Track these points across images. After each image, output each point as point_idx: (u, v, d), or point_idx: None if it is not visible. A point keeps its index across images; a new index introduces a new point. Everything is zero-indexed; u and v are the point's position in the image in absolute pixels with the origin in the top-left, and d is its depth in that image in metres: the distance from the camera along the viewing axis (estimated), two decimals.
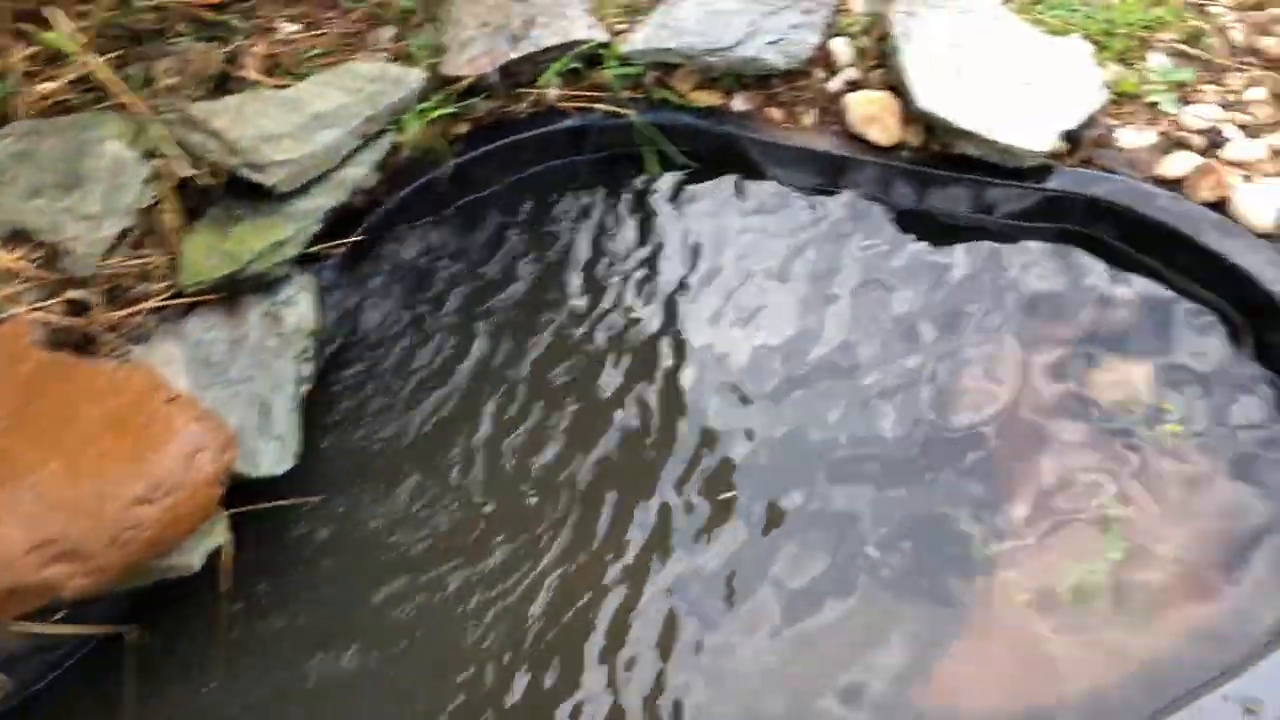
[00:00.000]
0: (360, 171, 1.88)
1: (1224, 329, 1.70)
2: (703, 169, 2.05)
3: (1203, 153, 1.84)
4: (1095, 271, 1.81)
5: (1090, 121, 1.88)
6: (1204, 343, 1.69)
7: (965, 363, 1.73)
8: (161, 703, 1.47)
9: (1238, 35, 2.05)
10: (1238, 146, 1.84)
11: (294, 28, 2.19)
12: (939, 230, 1.91)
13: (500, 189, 2.06)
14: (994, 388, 1.70)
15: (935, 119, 1.86)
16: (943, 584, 1.49)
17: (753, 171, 2.03)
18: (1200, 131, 1.88)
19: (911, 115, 1.91)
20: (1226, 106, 1.93)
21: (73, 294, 1.63)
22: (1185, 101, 1.94)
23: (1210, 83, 1.97)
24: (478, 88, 2.00)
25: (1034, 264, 1.84)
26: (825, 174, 1.99)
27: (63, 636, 1.47)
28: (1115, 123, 1.91)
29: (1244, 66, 2.00)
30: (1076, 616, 1.44)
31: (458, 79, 1.98)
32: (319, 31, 2.18)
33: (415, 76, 1.98)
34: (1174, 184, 1.80)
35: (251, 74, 2.03)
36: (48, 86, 1.86)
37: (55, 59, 1.91)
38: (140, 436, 1.46)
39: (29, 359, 1.52)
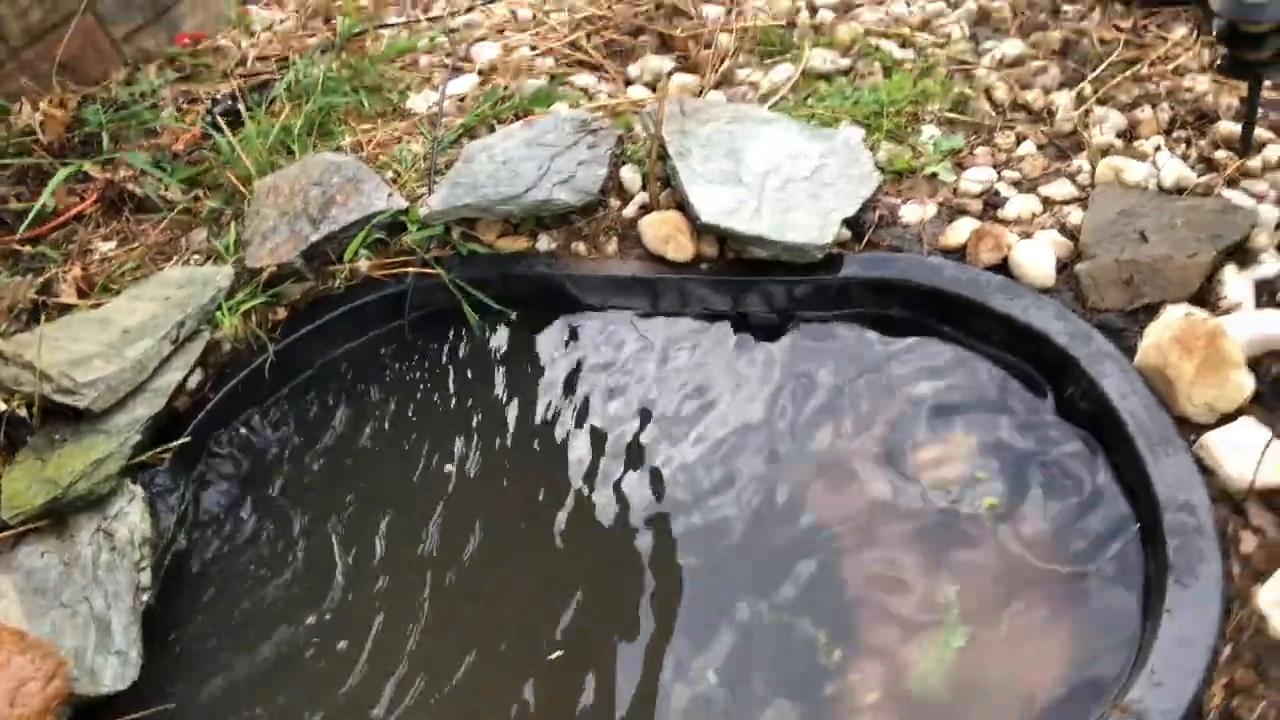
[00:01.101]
0: (177, 376, 1.99)
1: (1026, 388, 1.80)
2: (521, 312, 2.18)
3: (981, 216, 1.99)
4: (901, 350, 1.92)
5: (870, 205, 2.02)
6: (1010, 405, 1.79)
7: (790, 461, 1.83)
8: None
9: (1002, 94, 2.23)
10: (1014, 203, 1.99)
11: (110, 245, 2.35)
12: (750, 332, 2.03)
13: (326, 366, 2.18)
14: (822, 483, 1.80)
15: (719, 231, 2.00)
16: (792, 700, 1.54)
17: (569, 306, 2.16)
18: (977, 195, 2.03)
19: (700, 229, 2.05)
20: (999, 166, 2.08)
21: None
22: (961, 167, 2.09)
23: (982, 144, 2.14)
24: (284, 274, 2.14)
25: (842, 351, 1.95)
26: (635, 296, 2.12)
27: None
28: (897, 200, 2.06)
29: (1011, 124, 2.17)
30: (927, 708, 1.50)
31: (263, 270, 2.12)
32: (133, 245, 2.33)
33: (224, 274, 2.12)
34: (959, 251, 1.94)
35: (67, 298, 2.16)
36: None
37: None
38: None
39: None
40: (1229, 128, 2.01)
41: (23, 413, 1.89)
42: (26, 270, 2.24)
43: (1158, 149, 2.03)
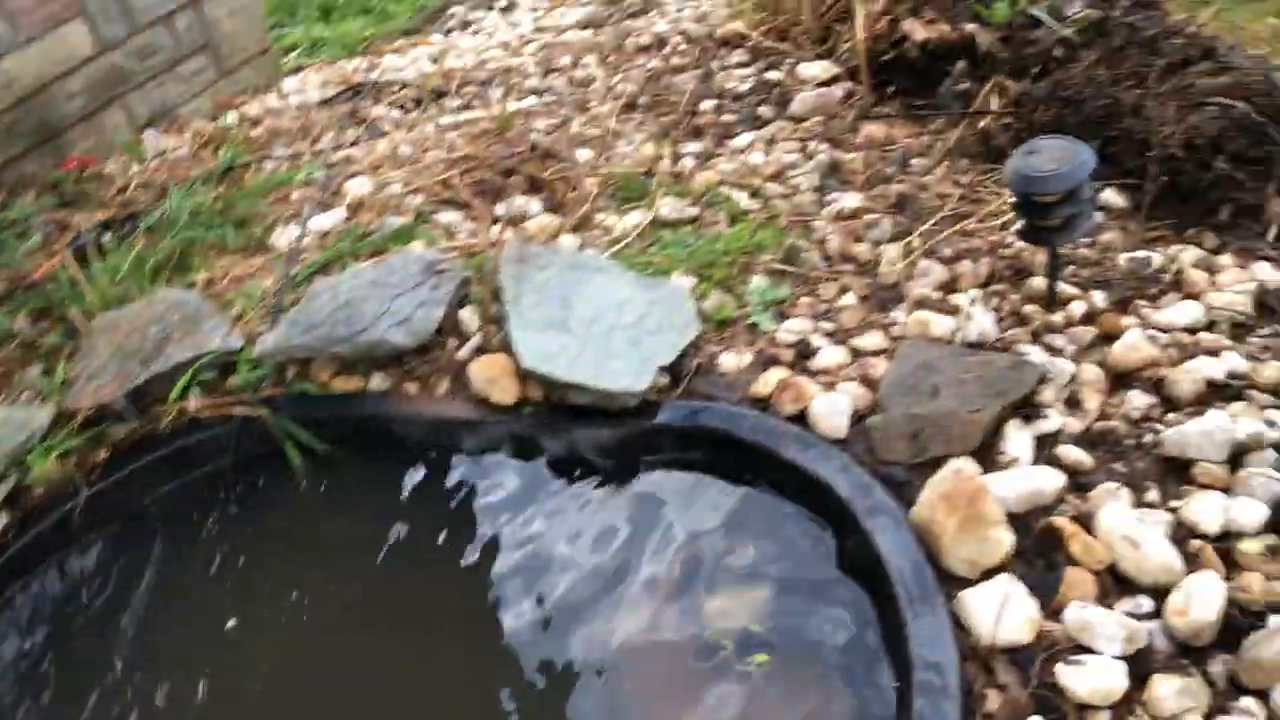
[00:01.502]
0: None
1: (814, 541, 1.84)
2: (349, 453, 2.22)
3: (792, 366, 2.06)
4: (702, 498, 1.96)
5: (688, 353, 2.09)
6: (800, 557, 1.83)
7: (580, 602, 1.85)
8: None
9: (835, 245, 2.34)
10: (824, 355, 2.06)
11: None
12: (562, 476, 2.07)
13: (145, 508, 2.18)
14: (609, 627, 1.81)
15: (541, 376, 2.06)
16: None
17: (396, 447, 2.20)
18: (791, 345, 2.10)
19: (523, 374, 2.11)
20: (818, 316, 2.17)
21: None
22: (783, 317, 2.17)
23: (807, 295, 2.22)
24: (106, 415, 2.18)
25: (649, 497, 2.00)
26: (458, 438, 2.16)
27: None
28: (718, 349, 2.13)
29: (838, 275, 2.27)
30: None
31: (82, 412, 2.15)
32: None
33: (41, 416, 2.16)
34: (765, 401, 2.00)
35: None
36: None
37: None
38: None
39: None
40: (1040, 283, 2.11)
41: None
42: None
43: (973, 302, 2.12)
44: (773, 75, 3.08)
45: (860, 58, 2.92)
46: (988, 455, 1.80)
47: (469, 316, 2.28)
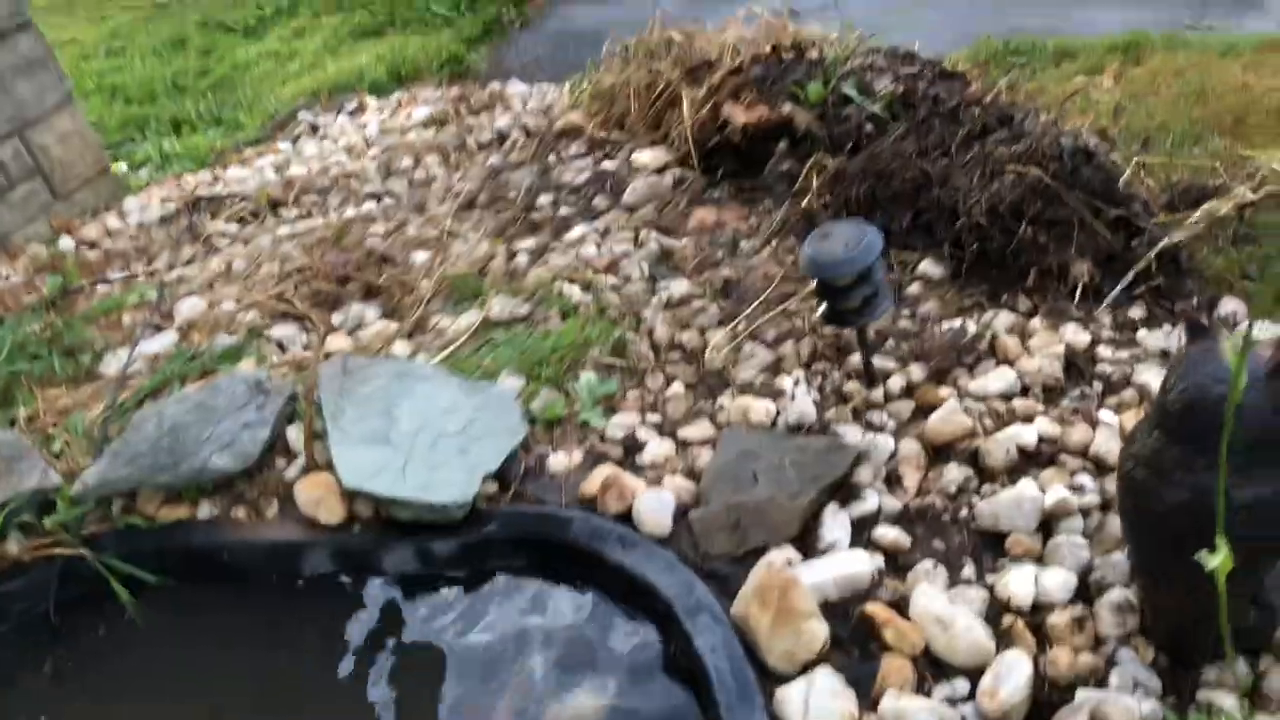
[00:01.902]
0: None
1: (644, 643, 1.82)
2: (180, 585, 2.13)
3: (621, 462, 2.06)
4: (534, 607, 1.93)
5: (516, 457, 2.08)
6: (630, 661, 1.80)
7: None
8: None
9: (662, 334, 2.36)
10: (651, 448, 2.06)
11: None
12: (394, 592, 2.02)
13: None
14: None
15: (363, 494, 2.02)
16: None
17: (227, 575, 2.12)
18: (619, 441, 2.10)
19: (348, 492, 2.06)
20: (646, 409, 2.17)
21: None
22: (613, 412, 2.17)
23: (636, 387, 2.23)
24: None
25: (480, 610, 1.96)
26: (290, 563, 2.09)
27: None
28: (547, 449, 2.12)
29: (665, 364, 2.28)
30: None
31: None
32: None
33: None
34: (593, 501, 1.99)
35: None
36: None
37: None
38: None
39: None
40: (859, 360, 2.15)
41: None
42: None
43: (796, 383, 2.15)
44: (609, 165, 3.13)
45: (689, 143, 2.99)
46: (808, 541, 1.81)
47: (295, 435, 2.23)
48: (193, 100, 4.83)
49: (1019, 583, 1.66)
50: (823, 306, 2.00)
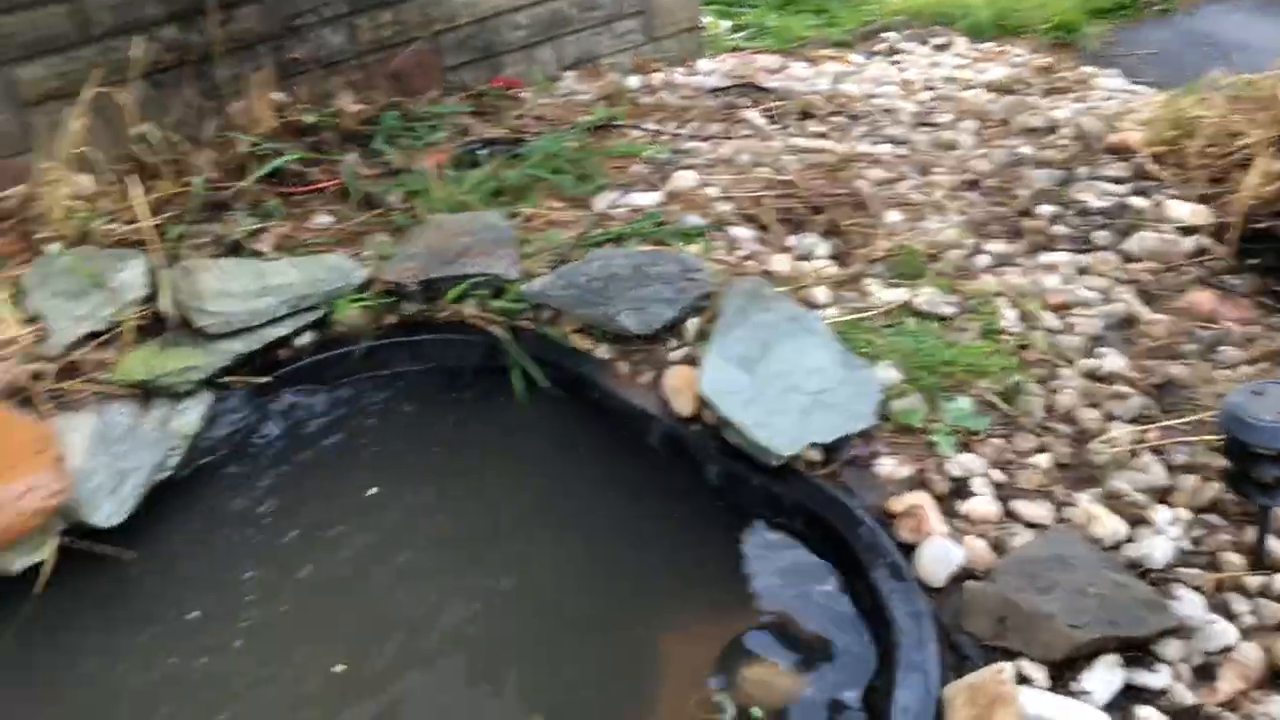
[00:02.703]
0: (280, 332, 2.55)
1: (859, 654, 1.85)
2: (559, 396, 2.51)
3: (940, 497, 2.01)
4: (791, 571, 2.02)
5: (850, 442, 2.12)
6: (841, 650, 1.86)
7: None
8: None
9: (1066, 401, 2.19)
10: (977, 503, 1.99)
11: (327, 219, 2.98)
12: (692, 496, 2.22)
13: (399, 373, 2.64)
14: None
15: (710, 403, 2.20)
16: None
17: (592, 409, 2.46)
18: (953, 478, 2.04)
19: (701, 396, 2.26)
20: (998, 463, 2.07)
21: (37, 366, 2.41)
22: (964, 449, 2.11)
23: (1002, 438, 2.13)
24: (401, 292, 2.63)
25: (746, 550, 2.09)
26: (634, 427, 2.37)
27: None
28: (885, 450, 2.13)
29: (1045, 431, 2.14)
30: None
31: (385, 282, 2.62)
32: (340, 225, 2.95)
33: (359, 274, 2.66)
34: (890, 518, 1.99)
35: (263, 246, 2.81)
36: (113, 227, 2.75)
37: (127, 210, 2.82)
38: (2, 469, 2.15)
39: None
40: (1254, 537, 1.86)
41: (172, 314, 2.53)
42: (257, 214, 2.93)
43: (1171, 524, 1.92)
44: (1136, 201, 2.85)
45: (1236, 215, 2.63)
46: (1063, 673, 1.68)
47: (692, 327, 2.45)
48: None
49: None
50: (1228, 466, 1.75)
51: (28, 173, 2.95)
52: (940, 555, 1.87)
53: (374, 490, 2.35)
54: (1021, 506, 1.98)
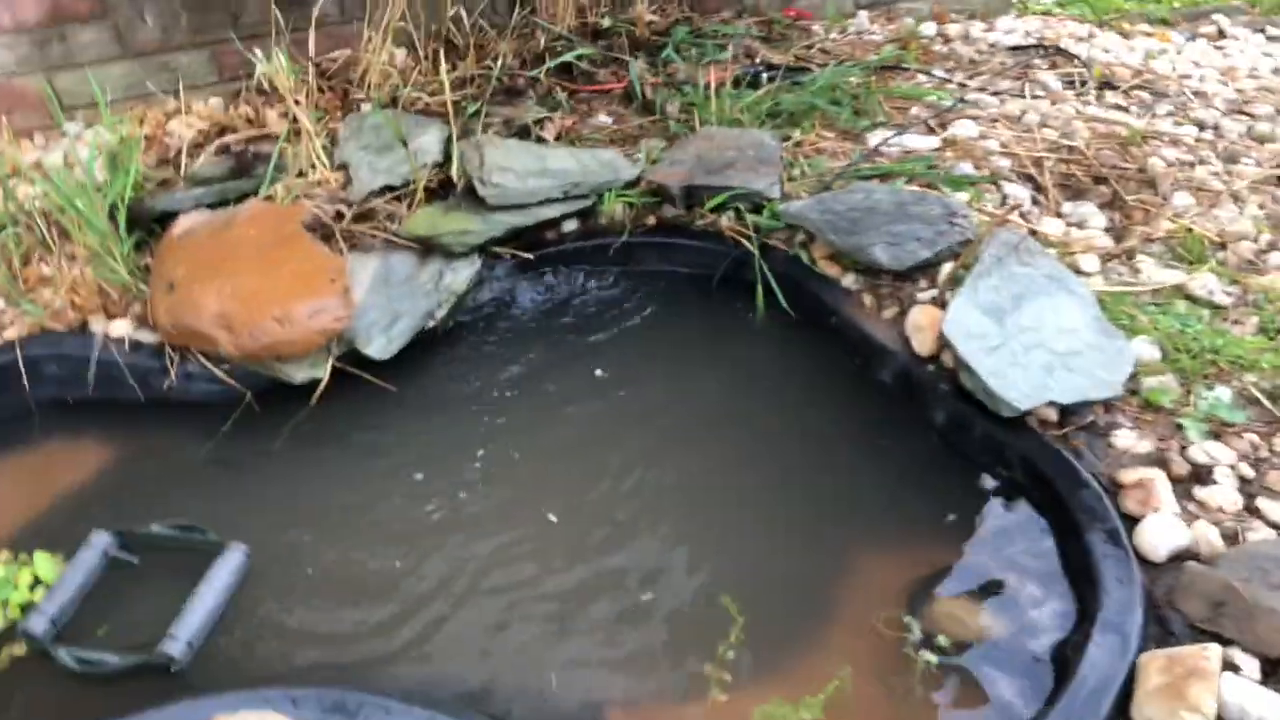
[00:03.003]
0: (549, 214, 2.74)
1: (1063, 610, 1.84)
2: (795, 320, 2.57)
3: (1179, 479, 1.94)
4: (1002, 521, 2.02)
5: (1090, 408, 2.07)
6: (1039, 603, 1.86)
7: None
8: (234, 452, 2.41)
9: None
10: (1218, 491, 1.90)
11: (606, 119, 3.15)
12: (914, 434, 2.24)
13: (648, 271, 2.78)
14: None
15: (951, 345, 2.20)
16: None
17: (827, 335, 2.51)
18: (1195, 464, 1.96)
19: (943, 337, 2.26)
20: (1248, 458, 1.97)
21: (341, 208, 2.71)
22: (1214, 437, 2.01)
23: (1261, 435, 2.02)
24: (663, 194, 2.76)
25: (959, 493, 2.10)
26: (867, 359, 2.40)
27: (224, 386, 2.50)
28: (1127, 424, 2.06)
29: None
30: None
31: (651, 183, 2.76)
32: (617, 126, 3.11)
33: (629, 172, 2.81)
34: (1119, 487, 1.94)
35: (546, 134, 3.02)
36: (419, 96, 3.03)
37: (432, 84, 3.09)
38: (302, 288, 2.45)
39: (290, 226, 2.61)
40: None
41: (460, 180, 2.78)
42: (545, 105, 3.14)
43: None
44: None
45: None
46: (1276, 671, 1.61)
47: (945, 270, 2.44)
48: None
49: None
50: None
51: (354, 40, 3.28)
52: (1164, 532, 1.81)
53: (602, 373, 2.51)
54: (1266, 505, 1.88)
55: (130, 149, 2.74)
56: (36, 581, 2.09)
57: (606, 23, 3.42)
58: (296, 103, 2.89)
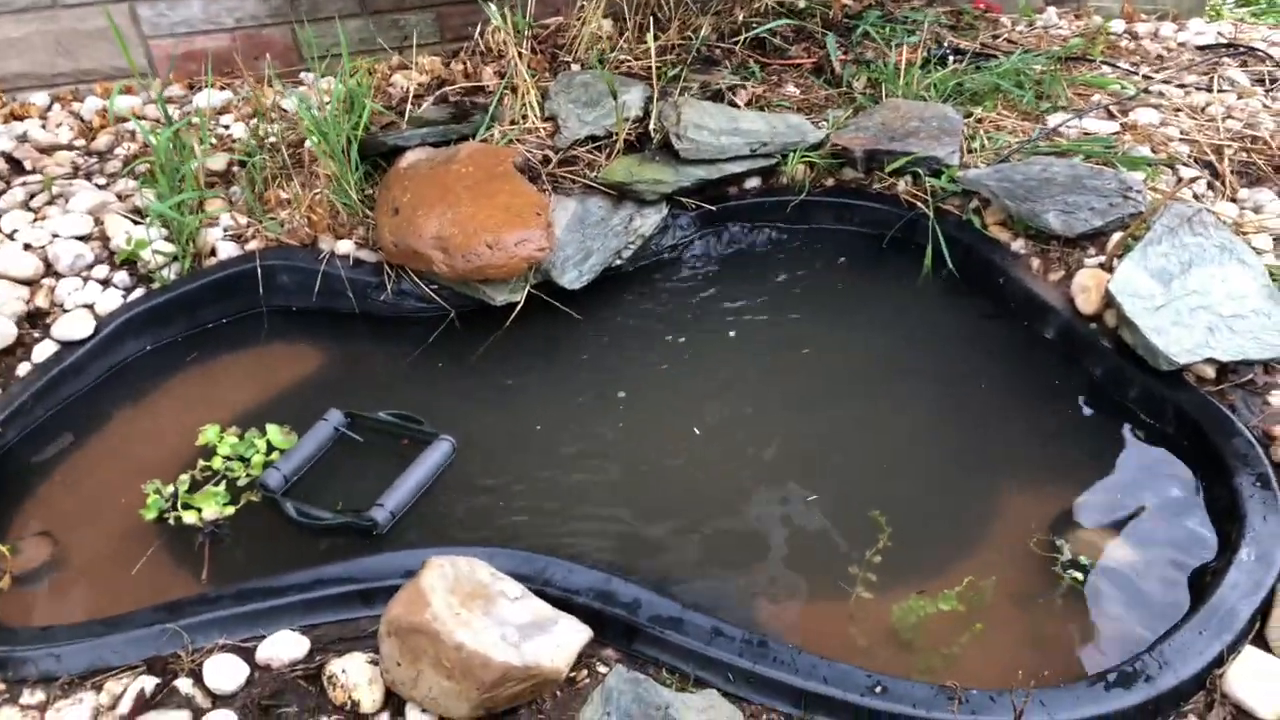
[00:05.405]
0: (735, 170, 3.02)
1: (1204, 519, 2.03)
2: (961, 283, 2.78)
3: None
4: (1152, 466, 2.19)
5: (1250, 367, 2.21)
6: (1181, 538, 2.03)
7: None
8: (438, 361, 2.78)
9: None
10: None
11: (794, 90, 3.42)
12: (1073, 386, 2.42)
13: (822, 229, 3.04)
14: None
15: (1115, 301, 2.37)
16: None
17: (992, 296, 2.71)
18: None
19: (1108, 296, 2.43)
20: None
21: (547, 153, 3.06)
22: None
23: None
24: (845, 157, 3.01)
25: (1112, 441, 2.27)
26: (1032, 317, 2.59)
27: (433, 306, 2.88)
28: None
29: None
30: None
31: (835, 146, 3.01)
32: (804, 97, 3.37)
33: (814, 135, 3.07)
34: (1271, 440, 2.08)
35: (739, 99, 3.31)
36: (624, 58, 3.37)
37: (636, 50, 3.42)
38: (510, 219, 2.81)
39: (503, 165, 2.98)
40: None
41: (655, 135, 3.09)
42: (739, 74, 3.43)
43: None
44: None
45: None
46: None
47: (1114, 238, 2.60)
48: None
49: None
50: None
51: (566, 9, 3.65)
52: None
53: (764, 317, 2.78)
54: None
55: (363, 92, 3.17)
56: (270, 448, 2.48)
57: (802, 3, 3.68)
58: (519, 55, 3.27)
